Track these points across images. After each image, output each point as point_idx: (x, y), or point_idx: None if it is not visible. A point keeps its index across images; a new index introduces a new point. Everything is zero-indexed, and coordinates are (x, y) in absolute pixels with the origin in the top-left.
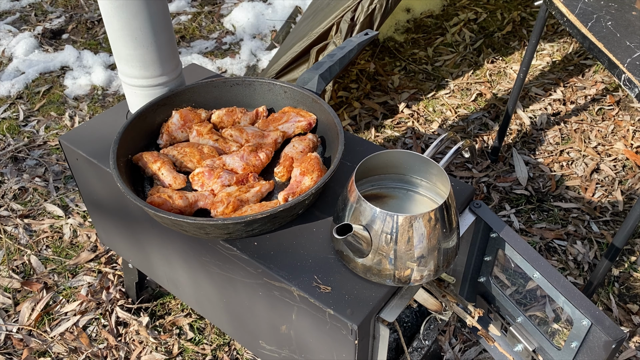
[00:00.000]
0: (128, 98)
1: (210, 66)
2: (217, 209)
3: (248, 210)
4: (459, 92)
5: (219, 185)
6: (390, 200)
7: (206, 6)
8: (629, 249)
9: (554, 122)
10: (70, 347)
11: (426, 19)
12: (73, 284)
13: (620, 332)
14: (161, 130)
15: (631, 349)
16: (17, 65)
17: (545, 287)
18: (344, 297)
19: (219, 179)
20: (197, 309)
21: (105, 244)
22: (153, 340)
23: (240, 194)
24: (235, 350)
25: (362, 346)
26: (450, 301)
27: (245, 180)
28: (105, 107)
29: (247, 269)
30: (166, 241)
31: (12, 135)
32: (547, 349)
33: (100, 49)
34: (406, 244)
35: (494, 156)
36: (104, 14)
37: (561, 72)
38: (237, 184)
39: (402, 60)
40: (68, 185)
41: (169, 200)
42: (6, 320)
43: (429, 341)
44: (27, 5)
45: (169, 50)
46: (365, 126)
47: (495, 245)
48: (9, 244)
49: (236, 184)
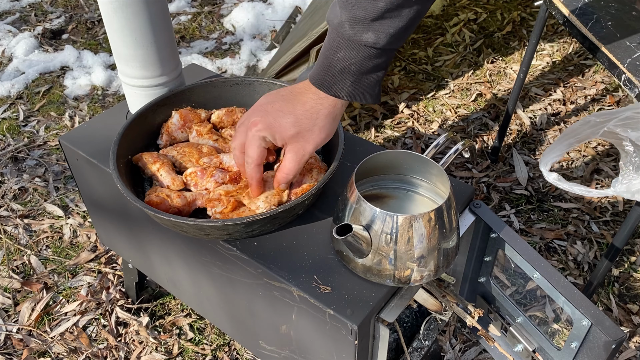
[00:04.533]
0: (128, 98)
1: (210, 66)
2: (214, 207)
3: (247, 210)
4: (459, 92)
5: (212, 183)
6: (390, 200)
7: (206, 6)
8: (629, 249)
9: (554, 122)
10: (70, 347)
11: (426, 19)
12: (73, 284)
13: (620, 332)
14: (161, 130)
15: (631, 349)
16: (17, 65)
17: (545, 287)
18: (344, 297)
19: (211, 177)
20: (197, 309)
21: (105, 244)
22: (153, 340)
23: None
24: (235, 350)
25: (362, 346)
26: (450, 301)
27: (238, 178)
28: (105, 107)
29: (247, 269)
30: (166, 241)
31: (12, 135)
32: (547, 349)
33: (100, 49)
34: (406, 244)
35: (494, 156)
36: (104, 14)
37: (561, 72)
38: (230, 181)
39: (402, 60)
40: (68, 186)
41: (167, 199)
42: (6, 321)
43: (429, 341)
44: (27, 5)
45: (169, 50)
46: (365, 126)
47: (495, 245)
48: (9, 244)
49: (230, 181)
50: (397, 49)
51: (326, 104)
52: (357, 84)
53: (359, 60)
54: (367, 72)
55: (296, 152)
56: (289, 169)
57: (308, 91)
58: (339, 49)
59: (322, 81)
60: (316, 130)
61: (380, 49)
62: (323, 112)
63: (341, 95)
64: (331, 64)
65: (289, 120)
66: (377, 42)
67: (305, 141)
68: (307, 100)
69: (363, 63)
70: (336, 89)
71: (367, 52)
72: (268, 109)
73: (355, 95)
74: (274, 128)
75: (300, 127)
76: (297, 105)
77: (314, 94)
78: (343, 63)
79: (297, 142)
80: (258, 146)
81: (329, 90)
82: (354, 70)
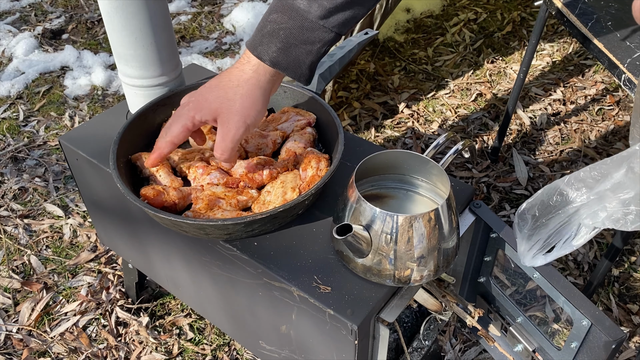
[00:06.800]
0: (128, 98)
1: (210, 66)
2: (197, 204)
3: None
4: (459, 92)
5: (207, 181)
6: (390, 200)
7: (206, 6)
8: (629, 249)
9: (554, 122)
10: (70, 347)
11: (426, 19)
12: (73, 284)
13: (620, 333)
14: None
15: (631, 349)
16: (17, 65)
17: (545, 287)
18: (344, 297)
19: (208, 176)
20: (197, 309)
21: (105, 244)
22: (153, 340)
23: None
24: (235, 350)
25: (362, 346)
26: (450, 301)
27: (235, 185)
28: (105, 107)
29: (247, 269)
30: (166, 241)
31: (12, 135)
32: (547, 349)
33: (100, 49)
34: (406, 244)
35: (494, 156)
36: (104, 14)
37: (561, 72)
38: (225, 184)
39: (402, 60)
40: (68, 185)
41: (163, 193)
42: (6, 321)
43: (429, 341)
44: (27, 5)
45: (169, 50)
46: (365, 126)
47: (495, 245)
48: (9, 244)
49: (224, 184)
50: (336, 36)
51: (248, 69)
52: (284, 52)
53: (289, 27)
54: (296, 44)
55: (223, 125)
56: (219, 145)
57: (238, 62)
58: (274, 10)
59: (251, 41)
60: (238, 99)
61: (314, 22)
62: (244, 78)
63: (264, 58)
64: (264, 25)
65: (214, 93)
66: (309, 10)
67: (230, 112)
68: (233, 70)
69: (293, 32)
70: (261, 49)
71: (300, 20)
72: (201, 89)
73: (279, 63)
74: (200, 103)
75: (223, 97)
76: (224, 78)
77: (240, 62)
78: (273, 25)
79: (223, 115)
80: (181, 125)
81: (254, 50)
82: (282, 36)
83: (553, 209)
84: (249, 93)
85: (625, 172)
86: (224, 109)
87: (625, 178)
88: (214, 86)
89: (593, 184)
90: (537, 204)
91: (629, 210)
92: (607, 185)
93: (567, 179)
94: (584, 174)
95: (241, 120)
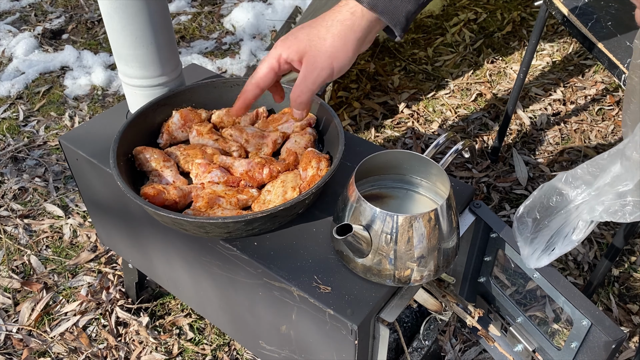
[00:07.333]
0: (128, 98)
1: (210, 66)
2: (197, 203)
3: (220, 208)
4: (459, 92)
5: (208, 179)
6: (390, 200)
7: (206, 6)
8: (629, 249)
9: (554, 122)
10: (70, 347)
11: (426, 19)
12: (73, 284)
13: (620, 332)
14: (161, 129)
15: (631, 349)
16: (17, 65)
17: (545, 287)
18: (344, 297)
19: (209, 174)
20: (197, 309)
21: (105, 244)
22: (153, 340)
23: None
24: (235, 350)
25: (362, 346)
26: (450, 301)
27: (235, 184)
28: (105, 107)
29: (247, 269)
30: (166, 241)
31: (12, 135)
32: (547, 349)
33: (100, 49)
34: (406, 244)
35: (494, 156)
36: (104, 14)
37: (561, 72)
38: (225, 183)
39: (402, 61)
40: (68, 185)
41: (164, 192)
42: (6, 321)
43: (429, 341)
44: (27, 5)
45: (169, 50)
46: (365, 126)
47: (495, 245)
48: (9, 244)
49: (224, 182)
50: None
51: (345, 10)
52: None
53: None
54: None
55: (308, 65)
56: (298, 86)
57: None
58: None
59: None
60: (329, 37)
61: None
62: (339, 18)
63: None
64: None
65: (305, 30)
66: None
67: (318, 51)
68: (328, 12)
69: None
70: None
71: None
72: (294, 29)
73: (377, 6)
74: (289, 41)
75: (314, 35)
76: (318, 18)
77: (338, 5)
78: None
79: (310, 53)
80: (268, 65)
81: None
82: None
83: (554, 209)
84: (341, 34)
85: (621, 163)
86: (312, 47)
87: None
88: (307, 25)
89: (591, 180)
90: (536, 206)
91: (626, 201)
92: (607, 179)
93: (564, 178)
94: (581, 171)
95: (328, 60)
